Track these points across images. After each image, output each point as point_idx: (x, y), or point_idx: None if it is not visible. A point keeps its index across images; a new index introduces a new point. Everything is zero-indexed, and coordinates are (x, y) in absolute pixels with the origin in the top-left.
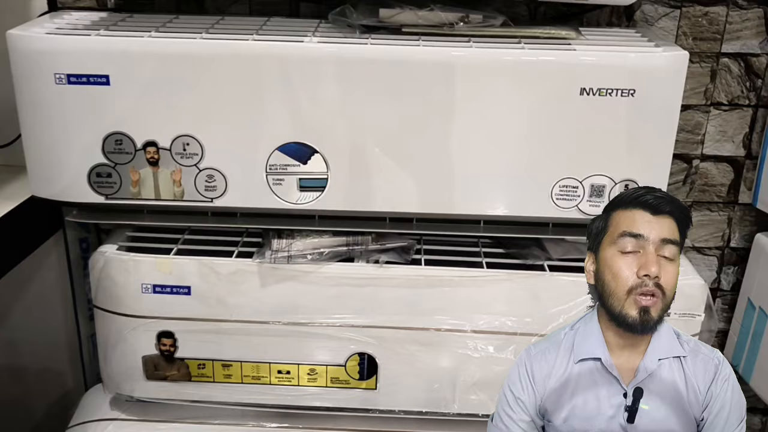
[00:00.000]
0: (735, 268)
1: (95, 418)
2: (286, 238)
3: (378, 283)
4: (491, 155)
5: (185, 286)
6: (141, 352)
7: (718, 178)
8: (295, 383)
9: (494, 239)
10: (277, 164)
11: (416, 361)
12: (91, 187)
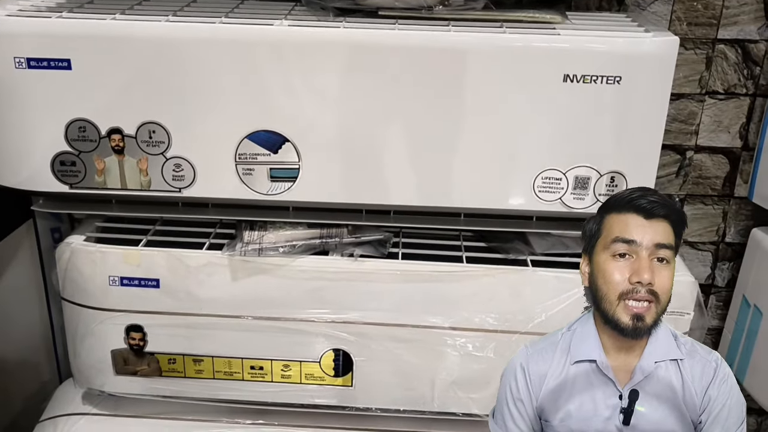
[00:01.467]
0: (730, 264)
1: (67, 412)
2: (258, 230)
3: (353, 278)
4: (470, 145)
5: (154, 278)
6: (110, 346)
7: (713, 170)
8: (268, 379)
9: (477, 233)
10: (246, 153)
11: (393, 357)
12: (55, 176)
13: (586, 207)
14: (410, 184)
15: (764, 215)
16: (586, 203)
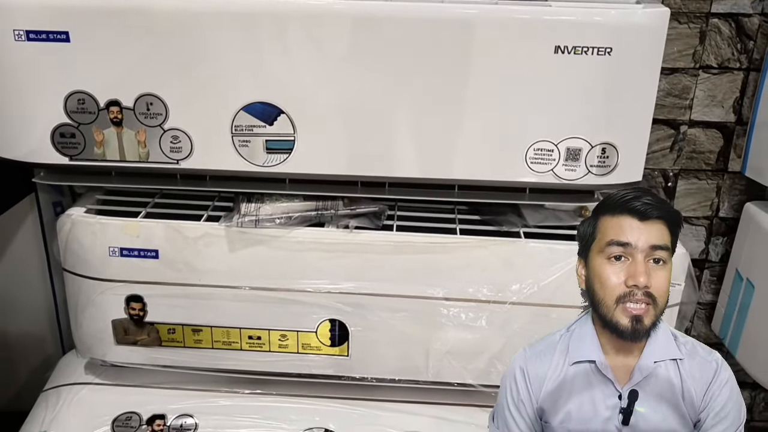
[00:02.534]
0: (724, 239)
1: (69, 382)
2: (255, 202)
3: (348, 249)
4: (463, 117)
5: (153, 249)
6: (110, 316)
7: (707, 144)
8: (266, 349)
9: (471, 206)
10: (242, 125)
11: (388, 328)
12: (55, 148)
13: (577, 178)
14: (404, 156)
15: (758, 189)
16: (578, 174)
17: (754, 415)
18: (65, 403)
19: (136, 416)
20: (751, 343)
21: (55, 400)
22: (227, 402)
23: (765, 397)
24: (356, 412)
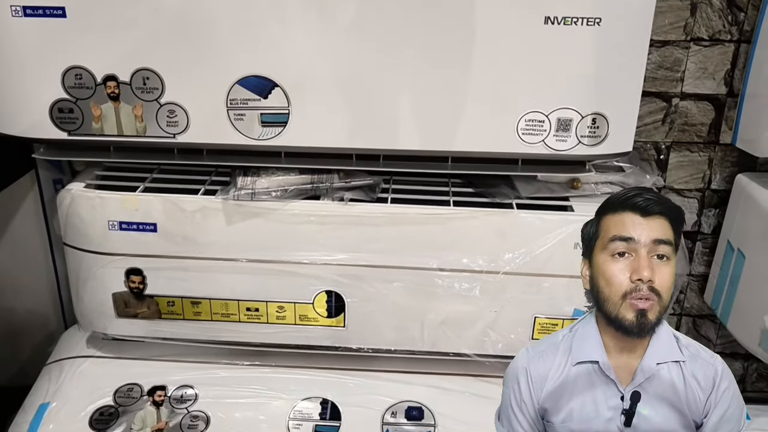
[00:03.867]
0: (716, 211)
1: (72, 355)
2: (251, 176)
3: (343, 221)
4: (454, 88)
5: (151, 223)
6: (111, 289)
7: (699, 117)
8: (264, 321)
9: (465, 180)
10: (237, 99)
11: (384, 299)
12: (53, 123)
13: (568, 149)
14: (397, 129)
15: (749, 161)
16: (569, 145)
17: (747, 386)
18: (68, 375)
19: (137, 387)
20: (742, 313)
21: (57, 373)
22: (227, 373)
23: (757, 368)
24: (353, 382)
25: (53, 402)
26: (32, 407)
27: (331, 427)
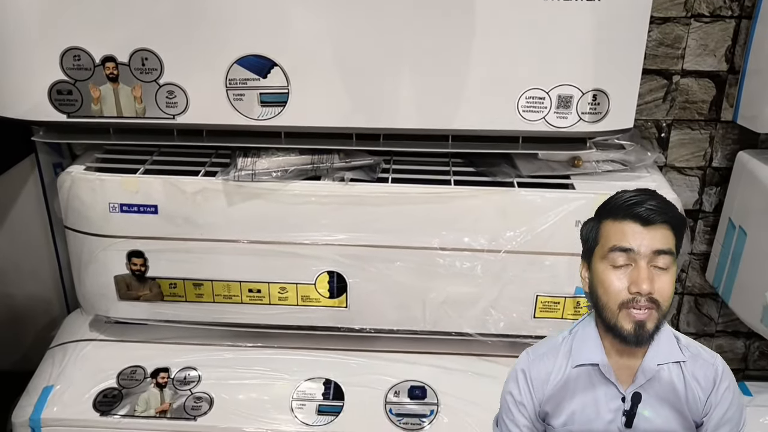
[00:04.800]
0: (717, 189)
1: (75, 338)
2: (251, 157)
3: (344, 201)
4: (455, 66)
5: (152, 205)
6: (113, 272)
7: (700, 94)
8: (266, 302)
9: (466, 159)
10: (236, 78)
11: (385, 278)
12: (52, 105)
13: (569, 126)
14: (398, 107)
15: (750, 138)
16: (570, 122)
17: (749, 364)
18: (71, 358)
19: (140, 370)
20: (743, 290)
21: (61, 356)
22: (230, 355)
23: (759, 346)
24: (356, 362)
25: (57, 385)
26: (36, 390)
27: (334, 406)
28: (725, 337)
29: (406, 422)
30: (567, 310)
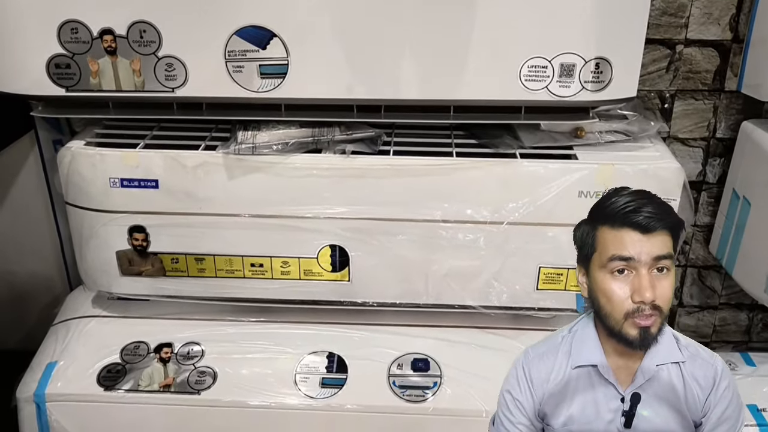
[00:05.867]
0: (721, 160)
1: (78, 315)
2: (252, 130)
3: (345, 174)
4: (456, 35)
5: (152, 179)
6: (114, 247)
7: (703, 64)
8: (268, 276)
9: (468, 131)
10: (235, 50)
11: (387, 251)
12: (51, 79)
13: (572, 95)
14: (398, 78)
15: (754, 108)
16: (572, 91)
17: (752, 336)
18: (74, 335)
19: (143, 345)
20: (747, 261)
21: (64, 332)
22: (233, 330)
23: (763, 318)
24: (359, 335)
25: (61, 361)
26: (40, 366)
27: (337, 379)
28: (728, 309)
29: (410, 394)
30: (570, 281)
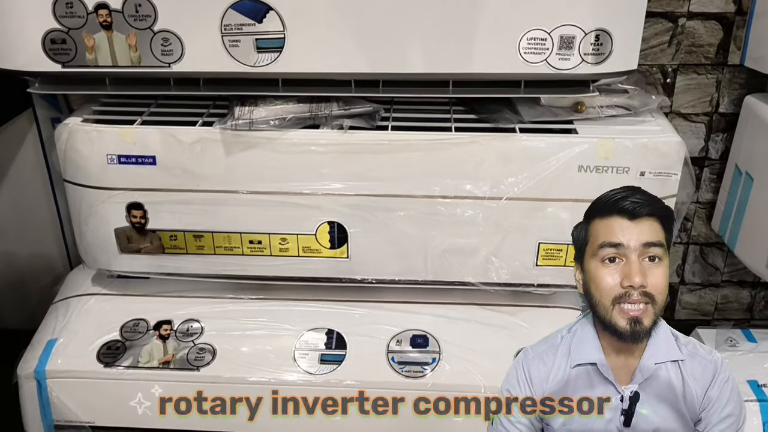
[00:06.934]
0: (724, 135)
1: (78, 293)
2: (249, 106)
3: (343, 149)
4: (454, 7)
5: (150, 155)
6: (113, 224)
7: (706, 37)
8: (267, 253)
9: (467, 106)
10: (231, 24)
11: (386, 228)
12: (47, 55)
13: (572, 67)
14: (396, 51)
15: (758, 82)
16: (572, 63)
17: (755, 314)
18: (74, 312)
19: (143, 322)
20: (749, 237)
21: (64, 310)
22: (232, 307)
23: (765, 296)
24: (358, 312)
25: (61, 338)
26: (40, 344)
27: (336, 355)
28: (731, 287)
29: (408, 370)
30: (570, 257)
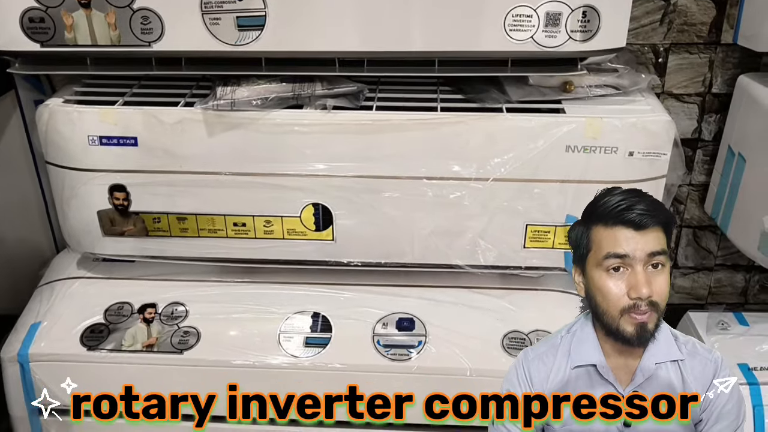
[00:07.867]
0: (717, 116)
1: (62, 277)
2: (231, 85)
3: (327, 130)
4: None
5: (131, 137)
6: (96, 207)
7: (699, 15)
8: (252, 236)
9: (454, 86)
10: (211, 1)
11: (371, 210)
12: (25, 34)
13: (558, 45)
14: (380, 29)
15: (751, 61)
16: (559, 41)
17: (749, 298)
18: (58, 296)
19: (127, 306)
20: (742, 219)
21: (48, 294)
22: (217, 290)
23: (759, 280)
24: (343, 295)
25: (44, 321)
26: (24, 327)
27: (321, 338)
28: (724, 270)
29: (394, 353)
30: (558, 239)
